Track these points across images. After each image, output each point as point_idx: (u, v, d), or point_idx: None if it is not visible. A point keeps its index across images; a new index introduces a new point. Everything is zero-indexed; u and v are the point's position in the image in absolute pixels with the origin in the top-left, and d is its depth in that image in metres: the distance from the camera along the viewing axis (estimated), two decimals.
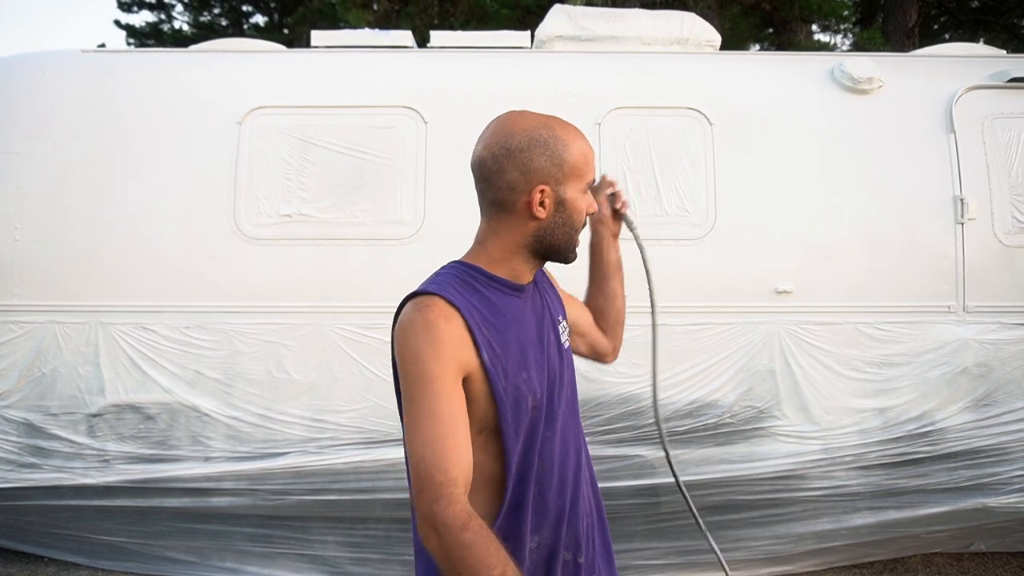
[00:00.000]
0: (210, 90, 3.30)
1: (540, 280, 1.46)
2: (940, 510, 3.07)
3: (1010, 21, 10.70)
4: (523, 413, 1.27)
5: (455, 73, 3.38)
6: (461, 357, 1.20)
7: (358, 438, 3.03)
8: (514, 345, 1.28)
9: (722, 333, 3.06)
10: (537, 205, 1.28)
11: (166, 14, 14.96)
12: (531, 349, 1.32)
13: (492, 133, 1.30)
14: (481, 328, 1.24)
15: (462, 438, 1.17)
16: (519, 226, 1.31)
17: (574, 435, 1.42)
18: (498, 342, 1.26)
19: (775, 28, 9.86)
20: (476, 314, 1.25)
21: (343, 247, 3.11)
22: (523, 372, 1.28)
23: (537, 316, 1.38)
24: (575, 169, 1.30)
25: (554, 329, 1.41)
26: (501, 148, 1.27)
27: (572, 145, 1.30)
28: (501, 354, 1.25)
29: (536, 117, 1.31)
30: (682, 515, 3.09)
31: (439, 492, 1.11)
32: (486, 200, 1.33)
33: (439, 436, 1.15)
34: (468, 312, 1.24)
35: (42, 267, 3.11)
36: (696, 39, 3.58)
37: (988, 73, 3.31)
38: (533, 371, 1.30)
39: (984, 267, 3.11)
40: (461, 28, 8.57)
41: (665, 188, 3.15)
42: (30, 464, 3.07)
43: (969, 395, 3.07)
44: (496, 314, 1.28)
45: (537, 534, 1.31)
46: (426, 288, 1.28)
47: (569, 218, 1.32)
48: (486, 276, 1.32)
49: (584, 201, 1.34)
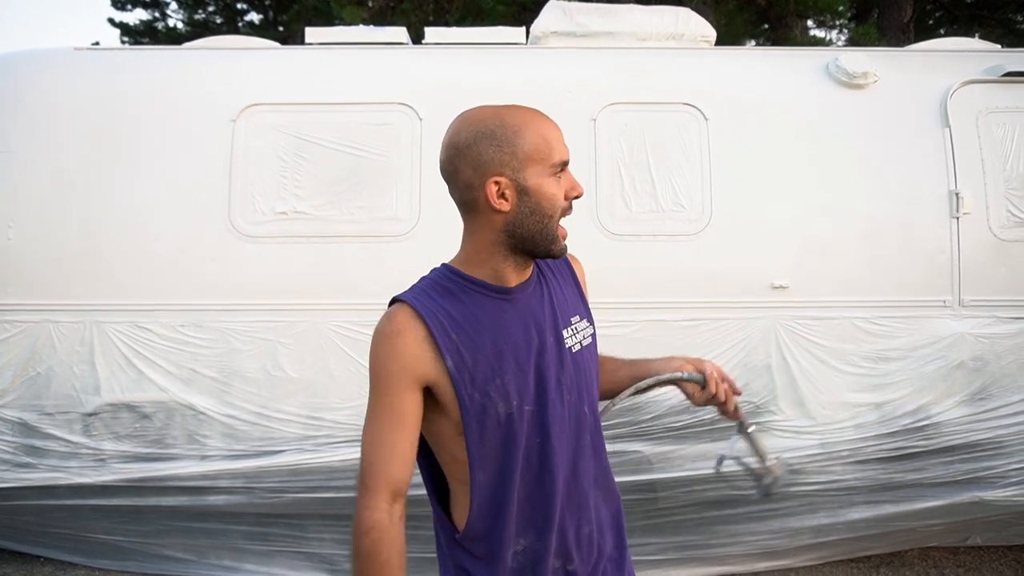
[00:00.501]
0: (204, 88, 3.29)
1: (553, 280, 1.40)
2: (937, 504, 3.08)
3: (1005, 16, 10.72)
4: (490, 419, 1.26)
5: (450, 70, 3.38)
6: (419, 368, 1.24)
7: (355, 435, 3.03)
8: (488, 350, 1.26)
9: (718, 328, 3.06)
10: (496, 198, 1.24)
11: (160, 12, 14.91)
12: (511, 354, 1.27)
13: (446, 134, 1.30)
14: (449, 334, 1.25)
15: (400, 448, 1.25)
16: (487, 223, 1.28)
17: (575, 442, 1.34)
18: (468, 347, 1.25)
19: (770, 24, 9.86)
20: (445, 319, 1.26)
21: (339, 244, 3.10)
22: (496, 379, 1.26)
23: (531, 319, 1.31)
24: (532, 154, 1.24)
25: (555, 332, 1.33)
26: (452, 148, 1.27)
27: (524, 130, 1.25)
28: (469, 360, 1.25)
29: (486, 109, 1.28)
30: (680, 510, 3.09)
31: (361, 494, 1.24)
32: (456, 202, 1.32)
33: (379, 443, 1.25)
34: (434, 319, 1.25)
35: (36, 266, 3.10)
36: (691, 34, 3.57)
37: (983, 68, 3.31)
38: (511, 377, 1.27)
39: (979, 261, 3.11)
40: (456, 24, 8.56)
41: (660, 184, 3.14)
42: (25, 464, 3.06)
43: (965, 389, 3.07)
44: (470, 318, 1.27)
45: (523, 537, 1.30)
46: (400, 295, 1.31)
47: (537, 205, 1.25)
48: (463, 279, 1.31)
49: (555, 185, 1.26)
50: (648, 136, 3.18)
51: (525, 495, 1.30)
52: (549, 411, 1.30)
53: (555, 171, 1.27)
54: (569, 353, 1.34)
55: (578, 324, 1.39)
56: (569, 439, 1.33)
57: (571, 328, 1.37)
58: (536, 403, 1.29)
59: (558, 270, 1.44)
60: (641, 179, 3.15)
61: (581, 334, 1.38)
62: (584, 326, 1.40)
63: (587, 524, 1.36)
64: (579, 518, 1.35)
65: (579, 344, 1.37)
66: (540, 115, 1.30)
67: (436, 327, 1.25)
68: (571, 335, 1.36)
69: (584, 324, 1.40)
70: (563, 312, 1.37)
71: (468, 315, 1.27)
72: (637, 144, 3.17)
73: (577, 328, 1.38)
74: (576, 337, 1.37)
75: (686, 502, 3.08)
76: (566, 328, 1.36)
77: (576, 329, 1.38)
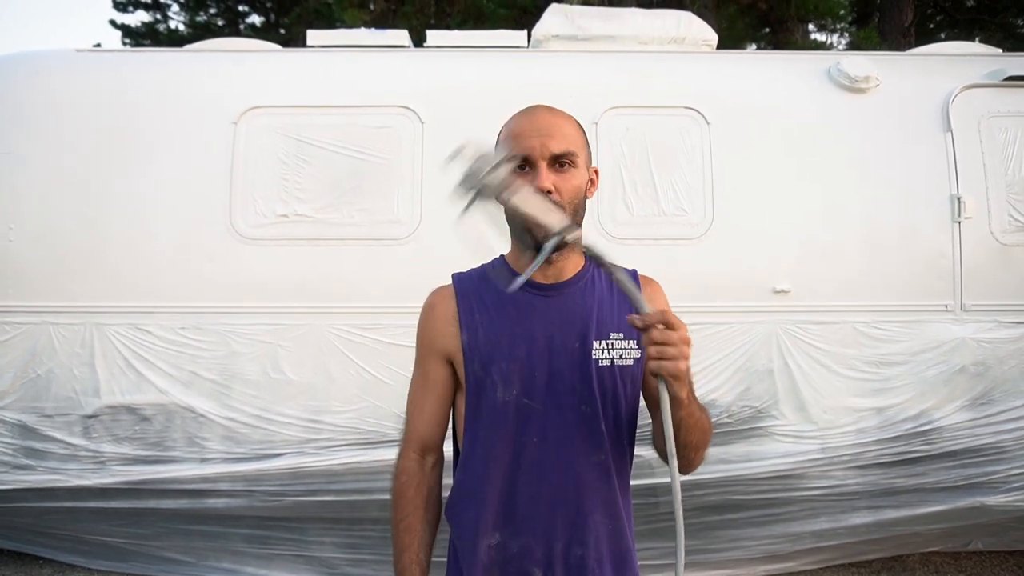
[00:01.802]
0: (206, 90, 3.29)
1: (606, 290, 1.36)
2: (938, 509, 3.07)
3: (1006, 20, 10.72)
4: (487, 399, 1.31)
5: (452, 73, 3.37)
6: (443, 341, 1.37)
7: (355, 439, 3.02)
8: (505, 336, 1.31)
9: (720, 333, 3.05)
10: None
11: (162, 14, 14.92)
12: (524, 346, 1.29)
13: None
14: (474, 313, 1.34)
15: (428, 410, 1.39)
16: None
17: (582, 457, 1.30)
18: (487, 328, 1.32)
19: (771, 27, 9.87)
20: (475, 301, 1.34)
21: (339, 247, 3.10)
22: (502, 362, 1.29)
23: (558, 319, 1.31)
24: (503, 146, 1.28)
25: (583, 340, 1.30)
26: None
27: (507, 125, 1.32)
28: (483, 340, 1.31)
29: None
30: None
31: (399, 447, 1.42)
32: None
33: (411, 402, 1.42)
34: (465, 299, 1.35)
35: (36, 267, 3.09)
36: (692, 38, 3.57)
37: (984, 72, 3.31)
38: (517, 367, 1.29)
39: (981, 266, 3.11)
40: (458, 28, 8.56)
41: (662, 187, 3.14)
42: (25, 466, 3.05)
43: (966, 394, 3.07)
44: (499, 304, 1.33)
45: (499, 532, 1.30)
46: (454, 273, 1.43)
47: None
48: (505, 268, 1.38)
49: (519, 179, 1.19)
50: (650, 140, 3.17)
51: (509, 491, 1.30)
52: (553, 415, 1.29)
53: (513, 164, 1.22)
54: (595, 365, 1.30)
55: (617, 341, 1.32)
56: (575, 451, 1.30)
57: (606, 342, 1.32)
58: (541, 402, 1.29)
59: (631, 280, 1.30)
60: (643, 183, 3.15)
61: (617, 351, 1.32)
62: (625, 345, 1.33)
63: (580, 546, 1.30)
64: (570, 536, 1.29)
65: (610, 360, 1.32)
66: (527, 110, 1.33)
67: (464, 306, 1.35)
68: (603, 348, 1.31)
69: (626, 344, 1.33)
70: (602, 323, 1.33)
71: (498, 301, 1.33)
72: (639, 148, 3.17)
73: (614, 344, 1.32)
74: (609, 352, 1.32)
75: (687, 507, 3.06)
76: (601, 340, 1.31)
77: (612, 345, 1.32)
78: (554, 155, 1.26)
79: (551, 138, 1.26)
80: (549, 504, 1.29)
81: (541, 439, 1.29)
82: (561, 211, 1.22)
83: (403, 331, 2.98)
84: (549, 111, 1.32)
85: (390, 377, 3.01)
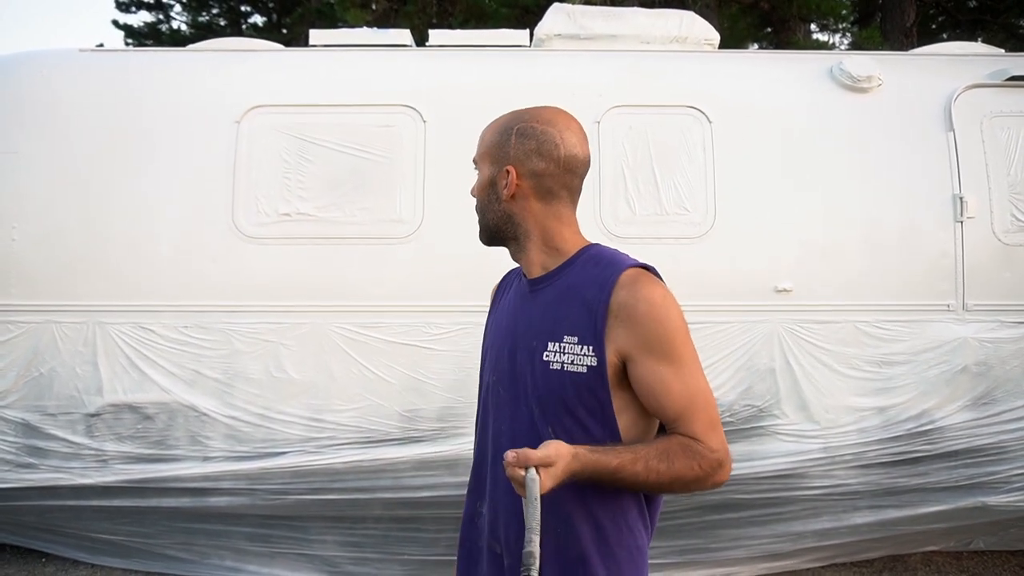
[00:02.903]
0: (208, 89, 3.30)
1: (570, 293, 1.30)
2: (939, 508, 3.07)
3: (1008, 20, 10.71)
4: (481, 376, 1.47)
5: (454, 72, 3.38)
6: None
7: (357, 437, 3.03)
8: (492, 325, 1.47)
9: (721, 332, 3.05)
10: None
11: (164, 14, 14.93)
12: (501, 336, 1.40)
13: None
14: (496, 302, 1.51)
15: None
16: None
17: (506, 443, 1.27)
18: (494, 316, 1.49)
19: (773, 27, 9.86)
20: (500, 292, 1.52)
21: (342, 246, 3.10)
22: (492, 349, 1.43)
23: (526, 315, 1.34)
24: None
25: (540, 338, 1.29)
26: None
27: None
28: (489, 328, 1.49)
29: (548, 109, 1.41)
30: (678, 514, 3.09)
31: None
32: None
33: None
34: (500, 288, 1.54)
35: (40, 266, 3.10)
36: (695, 38, 3.57)
37: (987, 72, 3.31)
38: (497, 354, 1.39)
39: (983, 265, 3.10)
40: (459, 27, 8.56)
41: (664, 186, 3.14)
42: (27, 464, 3.06)
43: (968, 393, 3.06)
44: (507, 296, 1.46)
45: (479, 501, 1.40)
46: None
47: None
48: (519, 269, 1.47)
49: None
50: (652, 139, 3.18)
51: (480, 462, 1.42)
52: (511, 409, 1.34)
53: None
54: (545, 367, 1.27)
55: (570, 345, 1.26)
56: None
57: (559, 344, 1.27)
58: (509, 392, 1.34)
59: (598, 282, 1.29)
60: (645, 182, 3.15)
61: (568, 356, 1.26)
62: (578, 351, 1.25)
63: (506, 527, 1.30)
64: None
65: (560, 364, 1.26)
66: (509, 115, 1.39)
67: (495, 296, 1.54)
68: (556, 351, 1.27)
69: (579, 348, 1.25)
70: (559, 324, 1.28)
71: (505, 292, 1.49)
72: (641, 147, 3.17)
73: (566, 348, 1.26)
74: (560, 356, 1.26)
75: (688, 506, 3.07)
76: (555, 341, 1.27)
77: (564, 348, 1.26)
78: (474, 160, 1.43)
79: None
80: (505, 491, 1.28)
81: (506, 429, 1.34)
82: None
83: (405, 330, 2.99)
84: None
85: (392, 376, 3.01)
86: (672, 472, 1.20)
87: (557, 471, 1.11)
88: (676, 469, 1.21)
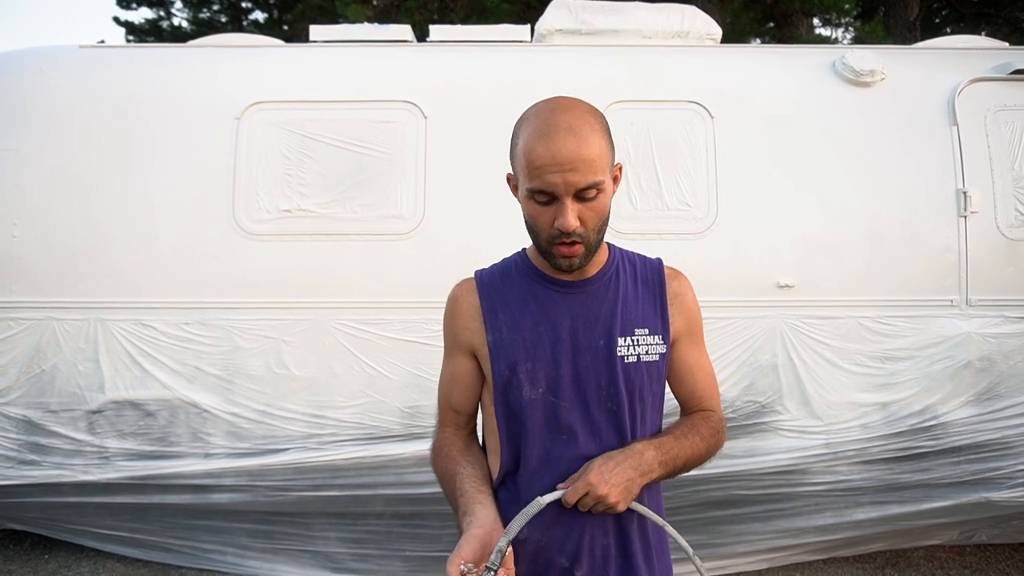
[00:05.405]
0: (209, 85, 3.29)
1: (631, 284, 1.35)
2: (943, 504, 3.07)
3: (1012, 14, 10.65)
4: (513, 397, 1.31)
5: (455, 67, 3.37)
6: (467, 335, 1.35)
7: (359, 434, 3.02)
8: (527, 334, 1.30)
9: (724, 328, 3.05)
10: (513, 190, 1.28)
11: (165, 11, 14.90)
12: (550, 344, 1.28)
13: None
14: (497, 312, 1.32)
15: (457, 397, 1.40)
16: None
17: (599, 455, 1.26)
18: (510, 327, 1.31)
19: (776, 22, 9.83)
20: (498, 298, 1.34)
21: (343, 242, 3.09)
22: (528, 363, 1.29)
23: (581, 315, 1.30)
24: (520, 164, 1.20)
25: (607, 336, 1.29)
26: None
27: (521, 136, 1.20)
28: (508, 340, 1.30)
29: (540, 101, 1.25)
30: (682, 511, 3.08)
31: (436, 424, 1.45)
32: None
33: (442, 393, 1.44)
34: (488, 295, 1.34)
35: (41, 263, 3.10)
36: (697, 32, 3.56)
37: (991, 65, 3.29)
38: (542, 364, 1.28)
39: (987, 260, 3.09)
40: (461, 22, 8.55)
41: (666, 182, 3.13)
42: (30, 461, 3.06)
43: (972, 389, 3.06)
44: (520, 301, 1.32)
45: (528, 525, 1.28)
46: (478, 269, 1.41)
47: (526, 215, 1.24)
48: (527, 265, 1.36)
49: (533, 207, 1.20)
50: (653, 134, 3.16)
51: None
52: (579, 412, 1.29)
53: (530, 194, 1.19)
54: (621, 362, 1.29)
55: (643, 336, 1.32)
56: (601, 447, 1.28)
57: (631, 338, 1.31)
58: (567, 400, 1.28)
59: (645, 277, 1.38)
60: (647, 177, 3.14)
61: (643, 347, 1.31)
62: (651, 340, 1.32)
63: (604, 537, 1.31)
64: (596, 529, 1.29)
65: (636, 356, 1.31)
66: (547, 130, 1.16)
67: (487, 305, 1.33)
68: (629, 344, 1.30)
69: (652, 339, 1.32)
70: (627, 319, 1.31)
71: (520, 298, 1.33)
72: (643, 142, 3.16)
73: (639, 340, 1.31)
74: (635, 349, 1.31)
75: (691, 502, 3.07)
76: (626, 336, 1.30)
77: (637, 341, 1.31)
78: (579, 190, 1.17)
79: (575, 172, 1.14)
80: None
81: (569, 436, 1.29)
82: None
83: (407, 326, 2.99)
84: (570, 134, 1.15)
85: (393, 372, 3.01)
86: (706, 445, 1.36)
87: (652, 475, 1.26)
88: (708, 443, 1.36)
